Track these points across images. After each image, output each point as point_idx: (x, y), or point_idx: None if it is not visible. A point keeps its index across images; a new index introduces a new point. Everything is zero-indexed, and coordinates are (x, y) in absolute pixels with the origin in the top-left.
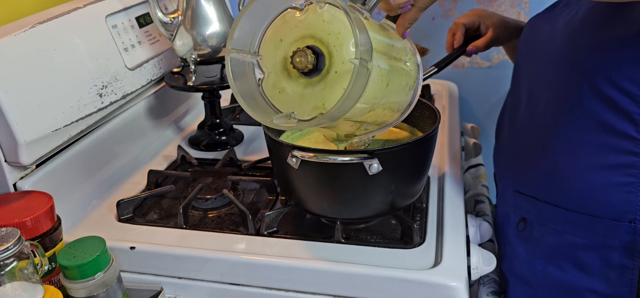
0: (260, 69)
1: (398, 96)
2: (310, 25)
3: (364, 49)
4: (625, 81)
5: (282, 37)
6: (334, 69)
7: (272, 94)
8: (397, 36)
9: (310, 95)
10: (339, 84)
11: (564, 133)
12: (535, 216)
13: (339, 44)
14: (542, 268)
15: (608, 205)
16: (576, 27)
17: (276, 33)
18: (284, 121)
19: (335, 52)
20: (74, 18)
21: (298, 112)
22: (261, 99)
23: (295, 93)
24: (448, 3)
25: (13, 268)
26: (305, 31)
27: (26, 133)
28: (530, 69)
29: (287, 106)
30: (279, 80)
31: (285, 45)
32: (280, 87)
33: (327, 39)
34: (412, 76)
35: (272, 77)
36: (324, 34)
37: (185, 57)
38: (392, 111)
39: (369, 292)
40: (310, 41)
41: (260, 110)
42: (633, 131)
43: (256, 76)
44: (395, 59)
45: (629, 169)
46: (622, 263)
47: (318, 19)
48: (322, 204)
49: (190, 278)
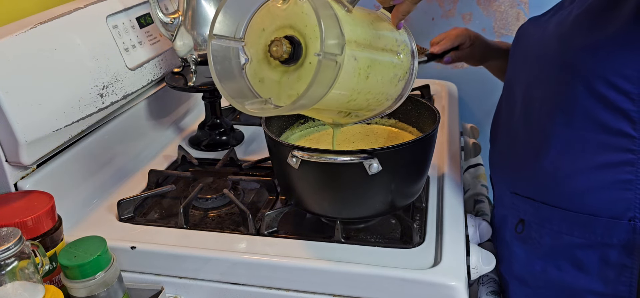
0: (245, 53)
1: (384, 87)
2: (290, 16)
3: (333, 43)
4: (620, 79)
5: (265, 26)
6: (308, 59)
7: (254, 80)
8: (391, 27)
9: (286, 83)
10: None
11: (560, 134)
12: (533, 217)
13: (315, 36)
14: (541, 268)
15: (606, 204)
16: (568, 28)
17: (259, 22)
18: (257, 107)
19: (310, 44)
20: (74, 18)
21: (275, 98)
22: (243, 82)
23: (273, 80)
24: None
25: (14, 268)
26: (285, 21)
27: (27, 132)
28: (523, 72)
29: (266, 92)
30: (260, 67)
31: (267, 34)
32: (261, 74)
33: (304, 31)
34: (403, 67)
35: (254, 64)
36: (302, 25)
37: (186, 57)
38: (379, 101)
39: (369, 292)
40: (289, 31)
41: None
42: (630, 129)
43: (241, 61)
44: (383, 50)
45: (626, 166)
46: (621, 262)
47: (298, 11)
48: (322, 204)
49: (191, 278)
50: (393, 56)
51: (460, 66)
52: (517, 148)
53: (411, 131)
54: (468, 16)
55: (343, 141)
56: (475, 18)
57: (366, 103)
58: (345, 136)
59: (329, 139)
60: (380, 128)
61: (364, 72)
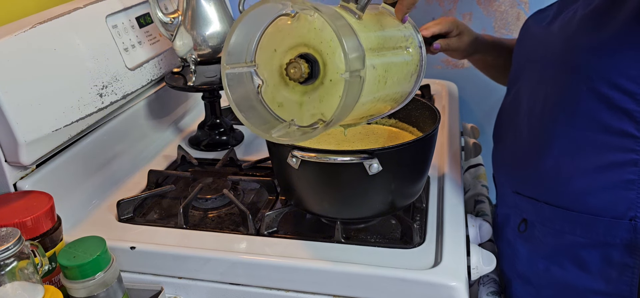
0: (258, 76)
1: (399, 86)
2: (302, 34)
3: (355, 56)
4: (624, 80)
5: (276, 46)
6: (329, 77)
7: (273, 104)
8: (396, 22)
9: (308, 103)
10: (335, 92)
11: (563, 134)
12: (536, 216)
13: (332, 51)
14: (544, 267)
15: (608, 204)
16: (573, 29)
17: (269, 42)
18: (283, 133)
19: (328, 60)
20: (74, 18)
21: (297, 119)
22: (260, 106)
23: (293, 101)
24: (448, 3)
25: (13, 268)
26: (298, 39)
27: (26, 132)
28: (528, 72)
29: (287, 113)
30: (277, 89)
31: (279, 54)
32: (279, 97)
33: (319, 47)
34: (414, 61)
35: (270, 87)
36: (317, 42)
37: (186, 57)
38: (395, 100)
39: (369, 292)
40: (303, 48)
41: (259, 119)
42: (633, 129)
43: (255, 83)
44: (394, 49)
45: (629, 167)
46: (623, 262)
47: (309, 27)
48: (322, 204)
49: (191, 278)
50: (403, 52)
51: (460, 66)
52: (520, 148)
53: (411, 131)
54: (468, 16)
55: (343, 141)
56: (475, 18)
57: (383, 105)
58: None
59: (329, 139)
60: (380, 128)
61: (383, 78)
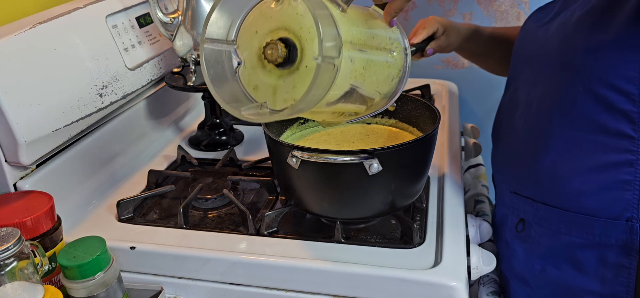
0: (238, 56)
1: (379, 86)
2: (284, 18)
3: (331, 45)
4: (621, 80)
5: (257, 28)
6: (305, 63)
7: (248, 85)
8: (384, 25)
9: (282, 86)
10: (309, 78)
11: (560, 134)
12: (532, 216)
13: (310, 38)
14: (541, 267)
15: (604, 204)
16: (570, 29)
17: (252, 24)
18: (253, 112)
19: (306, 46)
20: (74, 18)
21: (270, 102)
22: (237, 86)
23: (268, 84)
24: (448, 3)
25: (13, 268)
26: (279, 23)
27: (26, 133)
28: (525, 72)
29: (261, 96)
30: (254, 70)
31: (260, 36)
32: (255, 78)
33: (299, 32)
34: (397, 66)
35: (247, 68)
36: (297, 27)
37: (186, 57)
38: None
39: (369, 292)
40: (284, 33)
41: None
42: (630, 130)
43: (233, 63)
44: (377, 49)
45: (625, 167)
46: (618, 262)
47: (292, 12)
48: (322, 204)
49: (191, 278)
50: (387, 54)
51: (460, 66)
52: (517, 148)
53: (411, 131)
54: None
55: (343, 141)
56: (475, 18)
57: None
58: (345, 136)
59: (329, 139)
60: (380, 128)
61: (361, 75)
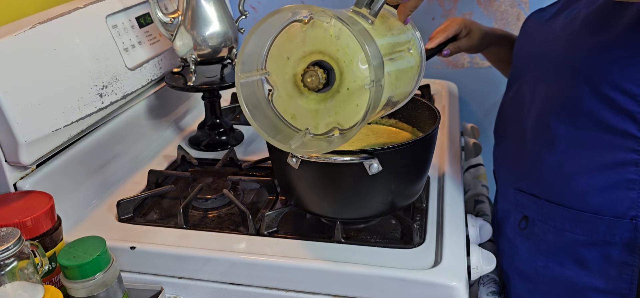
0: (269, 83)
1: (405, 89)
2: (318, 41)
3: (376, 63)
4: (627, 81)
5: (288, 54)
6: (346, 85)
7: (285, 113)
8: (398, 24)
9: (323, 111)
10: (353, 100)
11: (566, 133)
12: (537, 214)
13: (349, 60)
14: (544, 264)
15: (609, 203)
16: (576, 29)
17: (282, 50)
18: (299, 144)
19: (345, 69)
20: (74, 18)
21: (312, 127)
22: (271, 112)
23: (308, 110)
24: (448, 3)
25: (13, 268)
26: (312, 47)
27: (26, 133)
28: (530, 70)
29: (301, 123)
30: (291, 98)
31: (293, 62)
32: (293, 105)
33: (335, 55)
34: (416, 63)
35: (283, 96)
36: (332, 49)
37: (186, 57)
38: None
39: (369, 292)
40: (317, 56)
41: (271, 127)
42: (635, 130)
43: (265, 89)
44: (400, 52)
45: (630, 166)
46: (622, 260)
47: (325, 35)
48: (322, 204)
49: (190, 278)
50: (408, 55)
51: (460, 66)
52: (522, 145)
53: (411, 131)
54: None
55: None
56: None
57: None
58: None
59: None
60: (380, 128)
61: (394, 85)
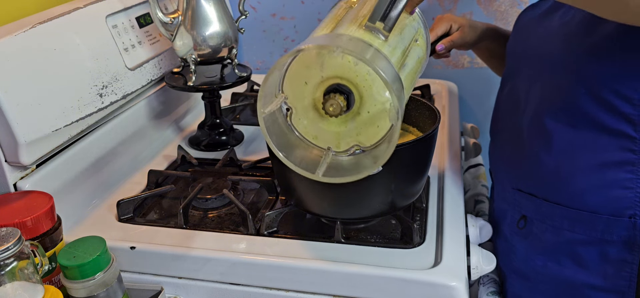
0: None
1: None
2: (336, 68)
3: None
4: (622, 84)
5: (306, 79)
6: (366, 109)
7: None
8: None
9: (345, 132)
10: (374, 123)
11: (562, 133)
12: (535, 213)
13: (368, 85)
14: (542, 263)
15: (607, 202)
16: (572, 31)
17: (298, 75)
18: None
19: (365, 94)
20: (74, 18)
21: (334, 146)
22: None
23: (329, 131)
24: (448, 3)
25: (13, 268)
26: (330, 73)
27: (26, 133)
28: (526, 68)
29: (323, 142)
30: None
31: (312, 87)
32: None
33: (355, 80)
34: (423, 57)
35: (304, 120)
36: (352, 75)
37: (186, 57)
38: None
39: (369, 292)
40: (337, 80)
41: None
42: (631, 131)
43: (283, 109)
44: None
45: (627, 166)
46: (621, 258)
47: (342, 61)
48: (322, 204)
49: (190, 278)
50: (417, 47)
51: (460, 66)
52: (519, 145)
53: (411, 131)
54: (468, 15)
55: None
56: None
57: None
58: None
59: None
60: None
61: (408, 92)
